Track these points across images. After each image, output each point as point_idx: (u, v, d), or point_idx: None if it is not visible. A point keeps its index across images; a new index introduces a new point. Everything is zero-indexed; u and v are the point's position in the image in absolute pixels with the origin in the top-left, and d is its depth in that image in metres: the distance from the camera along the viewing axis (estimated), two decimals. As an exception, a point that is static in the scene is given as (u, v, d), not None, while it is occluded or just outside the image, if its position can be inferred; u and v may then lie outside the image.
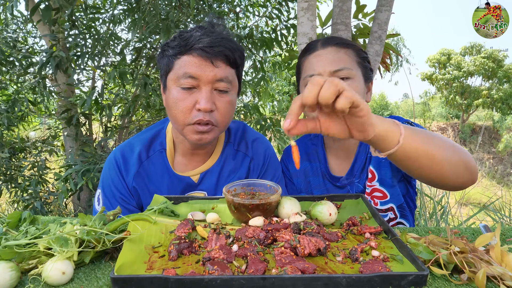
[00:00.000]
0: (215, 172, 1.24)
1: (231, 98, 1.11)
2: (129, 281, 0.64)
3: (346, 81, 1.17)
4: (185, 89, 1.07)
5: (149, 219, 0.87)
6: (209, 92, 1.06)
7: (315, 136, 1.43)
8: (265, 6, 3.68)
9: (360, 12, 2.31)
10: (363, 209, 1.01)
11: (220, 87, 1.08)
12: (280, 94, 8.09)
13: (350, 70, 1.18)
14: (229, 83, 1.09)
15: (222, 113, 1.09)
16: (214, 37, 1.06)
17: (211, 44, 1.04)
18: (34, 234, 0.76)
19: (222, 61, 1.07)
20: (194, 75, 1.05)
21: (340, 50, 1.21)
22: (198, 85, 1.06)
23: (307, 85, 0.75)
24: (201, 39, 1.05)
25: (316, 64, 1.20)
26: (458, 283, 0.69)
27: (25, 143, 3.27)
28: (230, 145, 1.29)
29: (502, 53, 16.95)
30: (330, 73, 1.17)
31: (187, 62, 1.06)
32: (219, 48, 1.05)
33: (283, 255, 0.73)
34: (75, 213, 3.73)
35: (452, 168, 0.87)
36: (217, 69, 1.06)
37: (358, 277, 0.64)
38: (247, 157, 1.28)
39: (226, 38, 1.08)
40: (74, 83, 3.04)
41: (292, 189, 1.42)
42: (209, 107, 1.05)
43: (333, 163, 1.36)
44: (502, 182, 13.24)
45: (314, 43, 1.26)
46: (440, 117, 20.07)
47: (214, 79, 1.06)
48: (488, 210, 3.25)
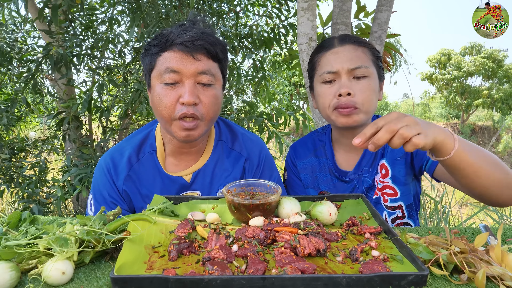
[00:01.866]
0: (208, 171, 1.24)
1: (215, 92, 1.11)
2: (129, 281, 0.64)
3: (363, 80, 1.18)
4: (168, 85, 1.07)
5: (149, 219, 0.87)
6: (192, 86, 1.07)
7: (322, 132, 1.43)
8: (265, 5, 3.68)
9: (360, 12, 2.31)
10: (363, 209, 1.01)
11: (203, 80, 1.08)
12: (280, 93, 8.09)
13: (367, 69, 1.19)
14: (212, 76, 1.09)
15: (207, 106, 1.09)
16: (193, 32, 1.07)
17: (190, 39, 1.06)
18: (34, 234, 0.76)
19: (203, 54, 1.07)
20: (176, 69, 1.06)
21: (358, 48, 1.21)
22: (181, 80, 1.07)
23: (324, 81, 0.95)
24: (180, 34, 1.07)
25: (334, 61, 1.20)
26: (458, 283, 0.69)
27: (25, 143, 3.26)
28: (223, 143, 1.28)
29: (502, 53, 16.95)
30: (348, 71, 1.18)
31: (169, 58, 1.07)
32: (198, 42, 1.06)
33: (283, 255, 0.73)
34: (75, 213, 3.73)
35: (495, 183, 0.93)
36: (199, 62, 1.07)
37: (358, 277, 0.64)
38: (242, 157, 1.27)
39: (206, 33, 1.09)
40: (73, 84, 3.04)
41: (298, 185, 1.42)
42: (192, 100, 1.05)
43: (341, 158, 1.36)
44: (502, 182, 13.22)
45: (331, 40, 1.26)
46: (440, 117, 20.08)
47: (196, 72, 1.06)
48: (488, 210, 3.25)
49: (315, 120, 2.09)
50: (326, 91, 1.22)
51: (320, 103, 1.26)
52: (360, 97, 1.17)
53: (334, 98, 1.19)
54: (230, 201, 0.92)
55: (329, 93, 1.21)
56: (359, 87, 1.18)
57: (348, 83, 1.18)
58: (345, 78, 1.19)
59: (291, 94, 16.10)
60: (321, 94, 1.24)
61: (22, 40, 3.63)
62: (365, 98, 1.18)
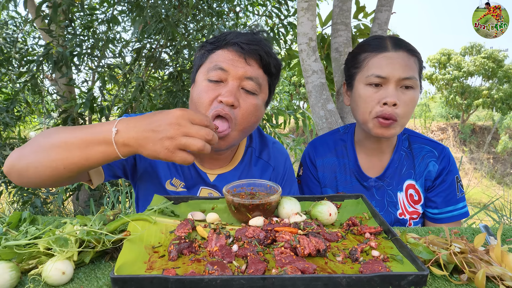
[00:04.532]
0: (234, 177, 1.21)
1: (257, 102, 1.07)
2: (129, 281, 0.64)
3: (410, 91, 1.16)
4: (212, 82, 1.04)
5: (149, 219, 0.87)
6: (235, 87, 1.03)
7: (344, 132, 1.40)
8: (265, 5, 3.68)
9: (360, 13, 2.31)
10: (363, 209, 1.01)
11: (247, 86, 1.04)
12: (281, 93, 8.08)
13: (416, 80, 1.16)
14: (258, 85, 1.06)
15: (244, 113, 1.04)
16: (253, 37, 1.06)
17: (248, 41, 1.04)
18: (34, 234, 0.76)
19: (255, 60, 1.05)
20: (224, 67, 1.02)
21: (411, 57, 1.18)
22: (226, 79, 1.03)
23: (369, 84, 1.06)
24: (239, 36, 1.05)
25: (386, 66, 1.16)
26: (458, 283, 0.69)
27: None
28: (252, 150, 1.25)
29: (502, 53, 16.94)
30: (398, 79, 1.14)
31: (221, 56, 1.05)
32: (255, 46, 1.04)
33: (283, 255, 0.73)
34: (74, 213, 3.73)
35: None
36: (249, 67, 1.04)
37: (358, 277, 0.64)
38: (270, 166, 1.24)
39: (265, 43, 1.07)
40: (74, 84, 3.04)
41: (315, 184, 1.39)
42: (231, 100, 1.00)
43: (364, 160, 1.33)
44: (502, 182, 13.25)
45: (383, 41, 1.21)
46: (440, 117, 20.07)
47: (243, 76, 1.03)
48: (488, 210, 3.25)
49: (315, 120, 2.09)
50: (371, 95, 1.17)
51: (361, 106, 1.21)
52: (403, 109, 1.15)
53: (378, 105, 1.16)
54: (230, 201, 0.92)
55: (373, 98, 1.17)
56: (404, 98, 1.15)
57: (395, 93, 1.14)
58: (393, 86, 1.15)
59: (291, 94, 16.10)
60: (364, 97, 1.19)
61: (22, 40, 3.63)
62: (407, 111, 1.16)
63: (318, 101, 2.02)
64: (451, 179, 1.27)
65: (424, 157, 1.28)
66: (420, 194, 1.28)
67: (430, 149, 1.29)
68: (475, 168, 14.39)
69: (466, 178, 12.04)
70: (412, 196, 1.28)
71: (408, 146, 1.31)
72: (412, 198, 1.28)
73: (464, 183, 10.39)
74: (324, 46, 2.40)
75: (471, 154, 15.70)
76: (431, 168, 1.27)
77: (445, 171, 1.26)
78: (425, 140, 1.31)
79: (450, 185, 1.26)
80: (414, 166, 1.28)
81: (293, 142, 4.16)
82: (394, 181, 1.29)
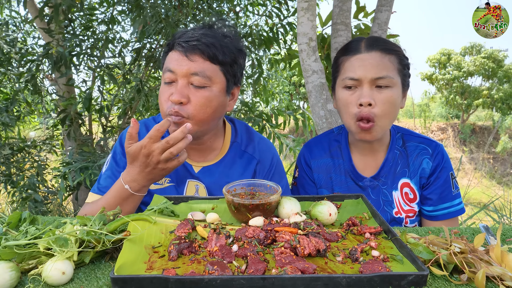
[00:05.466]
0: (218, 169, 1.25)
1: (208, 94, 1.11)
2: (129, 281, 0.64)
3: (385, 90, 1.16)
4: (166, 84, 1.12)
5: (149, 219, 0.87)
6: (182, 85, 1.09)
7: (339, 133, 1.41)
8: (265, 5, 3.68)
9: (360, 13, 2.31)
10: (363, 209, 1.01)
11: (195, 82, 1.09)
12: (281, 93, 8.08)
13: (391, 79, 1.16)
14: (206, 78, 1.10)
15: (195, 107, 1.10)
16: (194, 32, 1.09)
17: (187, 39, 1.08)
18: (34, 234, 0.75)
19: (198, 55, 1.08)
20: (172, 69, 1.09)
21: (385, 56, 1.18)
22: (176, 79, 1.10)
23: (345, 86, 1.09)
24: (183, 35, 1.10)
25: (358, 68, 1.17)
26: (458, 283, 0.69)
27: (25, 143, 3.26)
28: (237, 145, 1.29)
29: (502, 53, 16.92)
30: (371, 80, 1.15)
31: (170, 57, 1.12)
32: (193, 42, 1.07)
33: (283, 255, 0.73)
34: (74, 213, 3.73)
35: None
36: (192, 63, 1.08)
37: (358, 277, 0.64)
38: (254, 159, 1.28)
39: (208, 35, 1.10)
40: (73, 83, 3.04)
41: (310, 185, 1.40)
42: (177, 99, 1.08)
43: (358, 161, 1.34)
44: (502, 182, 13.25)
45: (357, 43, 1.23)
46: (440, 117, 20.05)
47: (188, 73, 1.08)
48: (488, 210, 3.24)
49: (315, 120, 2.09)
50: (348, 98, 1.19)
51: (342, 110, 1.23)
52: (381, 108, 1.15)
53: (355, 107, 1.17)
54: (230, 201, 0.92)
55: (350, 100, 1.19)
56: (380, 97, 1.15)
57: (370, 92, 1.15)
58: (367, 87, 1.16)
59: (291, 94, 16.09)
60: (342, 100, 1.22)
61: (22, 40, 3.63)
62: (385, 109, 1.16)
63: (318, 101, 2.02)
64: (446, 175, 1.27)
65: (418, 155, 1.29)
66: (415, 192, 1.29)
67: (424, 146, 1.30)
68: (475, 168, 14.38)
69: (466, 178, 12.04)
70: (407, 194, 1.29)
71: (402, 144, 1.32)
72: (408, 197, 1.29)
73: (464, 183, 10.39)
74: (324, 46, 2.40)
75: (471, 154, 15.70)
76: (425, 166, 1.28)
77: (439, 168, 1.27)
78: (418, 138, 1.32)
79: (444, 182, 1.27)
80: (408, 165, 1.29)
81: (293, 142, 4.15)
82: (389, 180, 1.30)
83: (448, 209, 1.27)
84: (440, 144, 1.30)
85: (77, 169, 2.48)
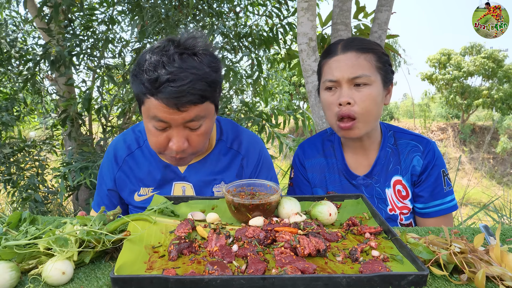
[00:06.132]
0: (204, 166, 1.26)
1: (204, 129, 1.09)
2: (129, 281, 0.64)
3: (364, 88, 1.18)
4: (158, 130, 1.07)
5: (149, 219, 0.87)
6: (180, 133, 1.06)
7: (332, 133, 1.44)
8: (265, 5, 3.68)
9: (360, 13, 2.31)
10: (363, 209, 1.01)
11: (190, 126, 1.06)
12: (281, 93, 8.07)
13: (369, 77, 1.18)
14: (201, 118, 1.06)
15: (195, 146, 1.10)
16: (180, 84, 0.98)
17: (177, 94, 0.98)
18: (34, 234, 0.75)
19: (190, 105, 1.02)
20: (163, 119, 1.03)
21: (360, 55, 1.20)
22: (170, 126, 1.06)
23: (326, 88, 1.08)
24: (167, 84, 0.98)
25: (335, 69, 1.20)
26: (458, 283, 0.69)
27: (25, 143, 3.27)
28: (222, 143, 1.29)
29: (502, 53, 16.93)
30: (348, 80, 1.18)
31: (156, 106, 1.01)
32: (186, 97, 0.99)
33: (283, 255, 0.73)
34: (74, 213, 3.73)
35: None
36: (185, 113, 1.02)
37: (358, 277, 0.64)
38: (240, 154, 1.29)
39: (195, 74, 1.01)
40: (73, 83, 3.03)
41: (305, 185, 1.42)
42: (181, 148, 1.06)
43: (351, 160, 1.36)
44: (502, 182, 13.25)
45: (335, 46, 1.26)
46: (440, 117, 20.06)
47: (183, 122, 1.04)
48: (488, 210, 3.25)
49: (315, 120, 2.09)
50: (328, 99, 1.23)
51: (326, 112, 1.27)
52: (361, 106, 1.18)
53: (336, 107, 1.20)
54: (230, 201, 0.92)
55: (331, 101, 1.22)
56: (359, 95, 1.18)
57: (349, 92, 1.18)
58: (346, 86, 1.19)
59: (291, 94, 16.10)
60: (324, 102, 1.26)
61: (22, 40, 3.63)
62: (365, 107, 1.18)
63: (318, 101, 2.02)
64: (437, 173, 1.28)
65: (409, 152, 1.30)
66: (407, 189, 1.30)
67: (415, 144, 1.31)
68: (475, 168, 14.38)
69: (466, 178, 12.04)
70: (400, 191, 1.30)
71: (394, 142, 1.33)
72: (400, 194, 1.30)
73: (464, 183, 10.38)
74: (324, 46, 2.40)
75: (471, 154, 15.70)
76: (416, 163, 1.29)
77: (431, 165, 1.28)
78: (410, 135, 1.34)
79: (436, 179, 1.27)
80: (400, 162, 1.30)
81: (292, 142, 4.14)
82: (382, 178, 1.31)
83: (439, 206, 1.27)
84: (432, 141, 1.31)
85: (77, 169, 2.48)
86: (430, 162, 1.28)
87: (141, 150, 1.28)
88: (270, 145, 3.12)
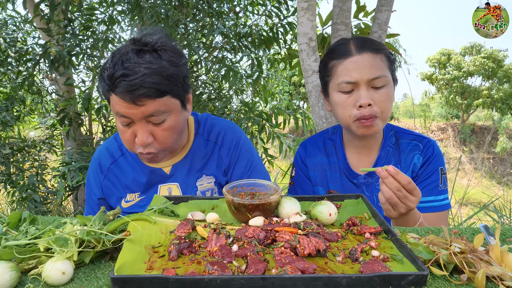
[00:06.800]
0: (186, 163, 1.27)
1: (169, 123, 1.09)
2: (129, 281, 0.64)
3: (382, 89, 1.19)
4: (124, 125, 1.09)
5: (149, 219, 0.87)
6: (143, 128, 1.07)
7: (333, 132, 1.44)
8: (265, 4, 3.67)
9: (360, 12, 2.31)
10: (363, 209, 1.01)
11: (153, 121, 1.07)
12: (281, 93, 8.07)
13: (386, 77, 1.19)
14: (162, 113, 1.06)
15: (161, 141, 1.10)
16: (133, 78, 1.00)
17: (129, 88, 1.00)
18: (34, 234, 0.75)
19: (145, 99, 1.02)
20: (124, 114, 1.05)
21: (376, 56, 1.20)
22: (133, 121, 1.07)
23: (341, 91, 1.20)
24: (121, 80, 1.00)
25: (353, 71, 1.19)
26: (458, 283, 0.69)
27: (25, 143, 3.27)
28: (200, 136, 1.30)
29: (502, 53, 16.92)
30: (367, 81, 1.18)
31: (116, 101, 1.04)
32: (138, 91, 1.00)
33: (283, 255, 0.73)
34: (74, 213, 3.73)
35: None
36: (144, 107, 1.03)
37: (358, 277, 0.64)
38: (217, 145, 1.30)
39: (149, 69, 1.01)
40: (72, 83, 3.03)
41: (307, 183, 1.42)
42: (145, 142, 1.08)
43: (353, 159, 1.37)
44: (502, 182, 13.24)
45: (347, 46, 1.24)
46: (440, 117, 20.05)
47: (143, 116, 1.05)
48: (488, 210, 3.25)
49: (315, 120, 2.09)
50: (345, 101, 1.21)
51: (339, 112, 1.25)
52: (380, 106, 1.18)
53: (354, 109, 1.19)
54: (230, 201, 0.92)
55: (348, 103, 1.20)
56: (378, 96, 1.18)
57: (368, 94, 1.18)
58: (364, 88, 1.18)
59: (291, 94, 16.09)
60: (340, 104, 1.23)
61: (22, 40, 3.63)
62: (384, 106, 1.19)
63: (318, 101, 2.02)
64: (435, 169, 1.28)
65: (410, 151, 1.31)
66: None
67: (416, 143, 1.32)
68: (475, 168, 14.38)
69: (466, 178, 12.05)
70: None
71: (395, 142, 1.34)
72: None
73: (464, 183, 10.39)
74: (324, 46, 2.40)
75: (471, 154, 15.70)
76: (416, 161, 1.30)
77: (429, 161, 1.28)
78: (411, 135, 1.34)
79: (432, 175, 1.28)
80: (400, 161, 1.31)
81: (292, 142, 4.14)
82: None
83: (432, 202, 1.27)
84: (432, 140, 1.32)
85: (77, 169, 2.48)
86: (429, 158, 1.29)
87: (125, 157, 1.29)
88: (270, 145, 3.12)
